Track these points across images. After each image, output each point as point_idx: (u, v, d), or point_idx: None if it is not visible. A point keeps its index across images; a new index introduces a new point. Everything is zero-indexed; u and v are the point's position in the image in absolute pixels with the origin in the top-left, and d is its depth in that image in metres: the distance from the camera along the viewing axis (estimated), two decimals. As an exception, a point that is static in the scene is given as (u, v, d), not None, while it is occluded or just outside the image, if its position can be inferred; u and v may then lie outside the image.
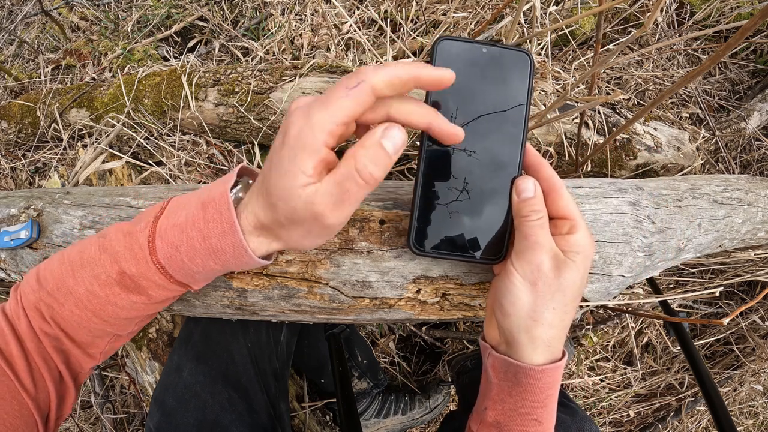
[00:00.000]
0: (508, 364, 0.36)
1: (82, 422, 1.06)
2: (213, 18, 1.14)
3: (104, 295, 0.35)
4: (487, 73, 0.36)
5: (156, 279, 0.34)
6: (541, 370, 0.34)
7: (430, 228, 0.37)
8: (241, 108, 0.83)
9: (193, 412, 0.56)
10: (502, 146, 0.36)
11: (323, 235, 0.32)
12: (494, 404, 0.37)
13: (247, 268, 0.36)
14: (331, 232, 0.31)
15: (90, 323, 0.36)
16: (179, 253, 0.33)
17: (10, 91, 1.22)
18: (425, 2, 1.00)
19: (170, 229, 0.33)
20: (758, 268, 0.95)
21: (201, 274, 0.35)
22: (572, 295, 0.34)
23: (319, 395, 1.01)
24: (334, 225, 0.30)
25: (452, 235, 0.37)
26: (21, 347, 0.36)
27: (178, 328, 0.87)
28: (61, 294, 0.35)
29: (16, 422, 0.35)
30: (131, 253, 0.34)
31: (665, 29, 1.11)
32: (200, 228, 0.32)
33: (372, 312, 0.44)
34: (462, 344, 1.13)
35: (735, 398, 1.16)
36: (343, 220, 0.30)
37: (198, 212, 0.32)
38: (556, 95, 0.80)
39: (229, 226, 0.31)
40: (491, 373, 0.38)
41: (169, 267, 0.33)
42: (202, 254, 0.33)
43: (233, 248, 0.32)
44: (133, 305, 0.36)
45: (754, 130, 1.02)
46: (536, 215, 0.34)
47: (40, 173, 1.07)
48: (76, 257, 0.36)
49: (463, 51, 0.36)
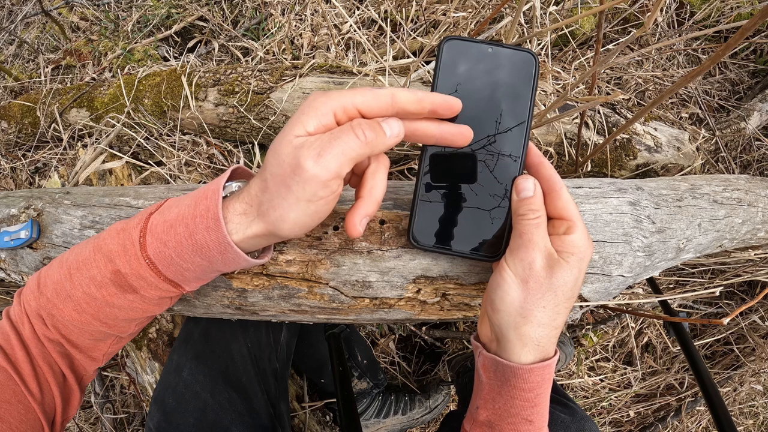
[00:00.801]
0: (497, 363, 0.36)
1: (82, 422, 1.06)
2: (213, 18, 1.14)
3: (101, 296, 0.35)
4: (491, 73, 0.36)
5: (147, 276, 0.34)
6: (529, 369, 0.34)
7: (430, 223, 0.38)
8: (241, 108, 0.83)
9: (193, 412, 0.56)
10: (505, 146, 0.37)
11: (302, 194, 0.29)
12: (485, 404, 0.37)
13: (237, 266, 0.35)
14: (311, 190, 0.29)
15: (90, 326, 0.37)
16: (167, 248, 0.33)
17: (10, 91, 1.22)
18: (425, 2, 1.00)
19: (160, 224, 0.33)
20: (758, 268, 0.95)
21: (191, 273, 0.35)
22: (564, 295, 0.34)
23: (319, 395, 1.01)
24: (312, 177, 0.28)
25: (452, 230, 0.38)
26: (26, 352, 0.36)
27: (178, 328, 0.87)
28: (60, 299, 0.36)
29: (23, 426, 0.35)
30: (123, 250, 0.34)
31: (665, 29, 1.11)
32: (187, 223, 0.32)
33: (372, 312, 0.44)
34: (462, 344, 1.13)
35: (735, 398, 1.16)
36: (321, 173, 0.28)
37: (188, 209, 0.33)
38: (556, 95, 0.80)
39: (214, 222, 0.31)
40: (482, 372, 0.38)
41: (158, 263, 0.33)
42: (189, 250, 0.32)
43: (218, 244, 0.32)
44: (131, 305, 0.36)
45: (754, 130, 1.02)
46: (533, 214, 0.34)
47: (40, 173, 1.07)
48: (73, 261, 0.36)
49: (468, 51, 0.36)
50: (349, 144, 0.28)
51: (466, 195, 0.37)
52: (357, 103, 0.30)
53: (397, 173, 0.85)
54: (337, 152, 0.28)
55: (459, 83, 0.36)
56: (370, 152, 0.30)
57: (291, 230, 0.31)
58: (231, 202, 0.33)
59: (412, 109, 0.31)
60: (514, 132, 0.37)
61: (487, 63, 0.36)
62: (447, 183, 0.37)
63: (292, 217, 0.30)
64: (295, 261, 0.42)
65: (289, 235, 0.32)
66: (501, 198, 0.37)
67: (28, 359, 0.36)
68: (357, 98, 0.30)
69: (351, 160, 0.29)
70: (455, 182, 0.37)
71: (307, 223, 0.31)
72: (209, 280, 0.38)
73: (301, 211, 0.30)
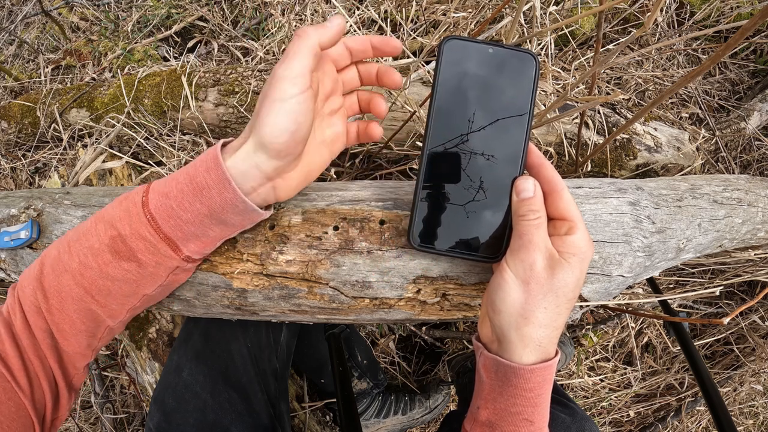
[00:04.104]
0: (498, 363, 0.36)
1: (82, 422, 1.06)
2: (213, 18, 1.14)
3: (96, 265, 0.35)
4: (492, 73, 0.36)
5: (146, 234, 0.35)
6: (531, 369, 0.34)
7: (430, 224, 0.38)
8: (241, 108, 0.83)
9: (192, 412, 0.56)
10: (505, 146, 0.37)
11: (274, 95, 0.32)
12: (486, 404, 0.37)
13: (236, 213, 0.36)
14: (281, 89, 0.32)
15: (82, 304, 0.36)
16: (169, 199, 0.34)
17: (10, 91, 1.22)
18: (425, 2, 1.00)
19: (163, 182, 0.36)
20: (758, 268, 0.95)
21: (190, 226, 0.35)
22: (565, 296, 0.34)
23: (319, 395, 1.01)
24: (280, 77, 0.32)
25: (452, 232, 0.38)
26: (16, 346, 0.36)
27: (178, 328, 0.87)
28: (56, 274, 0.36)
29: (14, 424, 0.35)
30: (126, 213, 0.35)
31: (665, 29, 1.11)
32: (188, 171, 0.35)
33: (372, 312, 0.44)
34: (462, 344, 1.13)
35: (735, 398, 1.16)
36: (286, 72, 0.32)
37: (191, 164, 0.35)
38: (556, 95, 0.80)
39: (213, 161, 0.34)
40: (483, 372, 0.38)
41: (158, 216, 0.35)
42: (189, 196, 0.34)
43: (217, 182, 0.33)
44: (125, 276, 0.36)
45: (754, 130, 1.02)
46: (534, 215, 0.34)
47: (40, 173, 1.07)
48: (73, 234, 0.37)
49: (469, 51, 0.36)
50: (299, 43, 0.33)
51: (465, 196, 0.37)
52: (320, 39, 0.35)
53: (397, 173, 0.85)
54: (293, 52, 0.33)
55: (459, 83, 0.36)
56: (319, 39, 0.34)
57: (271, 132, 0.33)
58: (230, 142, 0.36)
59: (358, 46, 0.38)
60: (514, 132, 0.37)
61: (487, 63, 0.36)
62: (447, 184, 0.37)
63: (270, 119, 0.33)
64: (295, 261, 0.42)
65: (268, 138, 0.33)
66: (500, 198, 0.37)
67: (18, 353, 0.36)
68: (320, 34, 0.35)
69: (304, 54, 0.33)
70: (455, 183, 0.37)
71: (284, 124, 0.33)
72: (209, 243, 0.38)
73: (276, 111, 0.33)
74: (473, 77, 0.36)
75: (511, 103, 0.37)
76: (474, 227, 0.37)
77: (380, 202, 0.44)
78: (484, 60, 0.36)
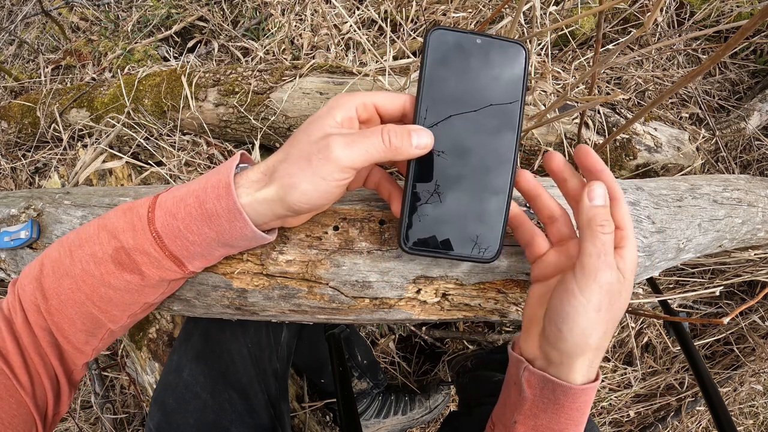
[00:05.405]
0: (546, 380, 0.34)
1: (82, 422, 1.06)
2: (213, 18, 1.14)
3: (99, 273, 0.35)
4: (480, 64, 0.34)
5: (151, 251, 0.34)
6: (582, 389, 0.33)
7: (421, 226, 0.35)
8: (241, 108, 0.83)
9: (193, 412, 0.56)
10: (496, 141, 0.35)
11: (320, 170, 0.31)
12: (526, 419, 0.36)
13: (243, 239, 0.35)
14: (329, 170, 0.31)
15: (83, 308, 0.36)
16: (176, 220, 0.34)
17: (10, 91, 1.22)
18: (425, 2, 1.00)
19: (170, 199, 0.35)
20: (758, 268, 0.95)
21: (197, 247, 0.35)
22: (619, 317, 0.33)
23: (319, 395, 1.01)
24: (335, 159, 0.30)
25: (443, 232, 0.36)
26: (17, 343, 0.36)
27: (178, 328, 0.87)
28: (57, 277, 0.36)
29: (15, 421, 0.35)
30: (130, 226, 0.35)
31: (665, 29, 1.11)
32: (198, 195, 0.34)
33: (372, 312, 0.44)
34: (462, 344, 1.13)
35: (735, 398, 1.16)
36: (344, 158, 0.30)
37: (199, 185, 0.34)
38: (556, 95, 0.80)
39: (225, 190, 0.33)
40: (526, 388, 0.36)
41: (165, 235, 0.34)
42: (197, 220, 0.33)
43: (227, 211, 0.33)
44: (127, 286, 0.36)
45: (754, 130, 1.02)
46: (609, 227, 0.31)
47: (40, 173, 1.07)
48: (75, 238, 0.37)
49: (456, 41, 0.34)
50: (375, 145, 0.31)
51: (458, 195, 0.35)
52: (375, 101, 0.34)
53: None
54: (363, 148, 0.31)
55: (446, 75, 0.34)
56: (392, 157, 0.32)
57: (299, 199, 0.32)
58: (245, 172, 0.34)
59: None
60: (505, 126, 0.35)
61: (475, 54, 0.34)
62: (437, 184, 0.35)
63: (304, 187, 0.32)
64: (295, 261, 0.42)
65: (295, 203, 0.32)
66: (495, 196, 0.36)
67: (18, 351, 0.36)
68: (376, 97, 0.34)
69: (372, 158, 0.31)
70: (446, 182, 0.35)
71: (314, 198, 0.32)
72: (213, 260, 0.38)
73: (313, 185, 0.32)
74: (461, 68, 0.34)
75: (501, 95, 0.35)
76: (467, 228, 0.36)
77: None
78: (472, 51, 0.34)
